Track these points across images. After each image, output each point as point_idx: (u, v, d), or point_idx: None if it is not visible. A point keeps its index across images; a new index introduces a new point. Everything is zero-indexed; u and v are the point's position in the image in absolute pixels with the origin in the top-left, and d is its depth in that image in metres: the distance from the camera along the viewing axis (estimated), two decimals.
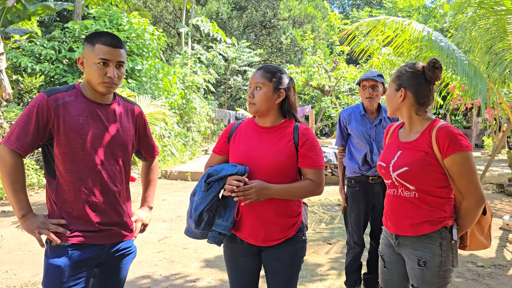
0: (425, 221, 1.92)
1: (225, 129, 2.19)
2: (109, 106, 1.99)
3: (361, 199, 3.32)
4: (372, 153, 3.24)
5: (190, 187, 9.21)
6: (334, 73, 18.96)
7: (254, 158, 2.00)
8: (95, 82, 1.87)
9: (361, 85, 3.23)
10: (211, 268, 4.19)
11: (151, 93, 10.71)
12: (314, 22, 28.50)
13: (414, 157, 1.92)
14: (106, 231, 1.94)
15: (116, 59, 1.88)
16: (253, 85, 2.03)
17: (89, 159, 1.87)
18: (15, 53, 10.24)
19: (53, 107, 1.81)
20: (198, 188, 2.00)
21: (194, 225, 1.98)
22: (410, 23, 6.41)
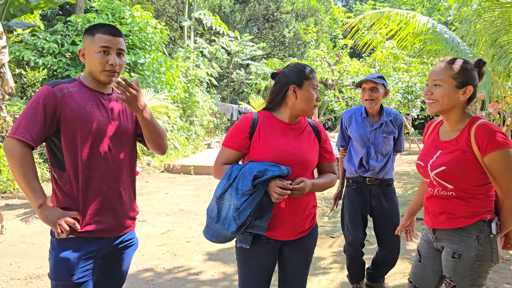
0: (461, 216, 1.93)
1: (242, 124, 2.04)
2: (110, 95, 2.02)
3: (357, 198, 3.26)
4: (369, 157, 3.20)
5: (193, 181, 9.22)
6: (337, 67, 18.88)
7: (288, 155, 1.99)
8: (97, 71, 1.89)
9: (361, 87, 3.16)
10: (214, 261, 4.19)
11: (153, 87, 10.69)
12: (317, 15, 28.34)
13: (452, 156, 1.91)
14: (113, 222, 1.95)
15: (116, 46, 1.91)
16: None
17: (98, 147, 1.89)
18: (18, 46, 10.22)
19: (59, 96, 1.83)
20: (233, 191, 1.88)
21: (235, 229, 1.84)
22: (415, 15, 6.36)
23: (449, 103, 1.92)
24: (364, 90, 3.14)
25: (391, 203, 3.25)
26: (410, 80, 15.95)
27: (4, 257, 4.28)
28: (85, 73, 1.99)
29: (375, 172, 3.19)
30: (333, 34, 24.04)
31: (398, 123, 3.28)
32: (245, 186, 1.85)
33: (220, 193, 1.93)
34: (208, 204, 2.06)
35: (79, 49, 2.00)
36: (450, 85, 1.89)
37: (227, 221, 1.88)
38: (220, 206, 1.93)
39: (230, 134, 2.07)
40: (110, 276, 2.07)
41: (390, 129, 3.23)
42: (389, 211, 3.23)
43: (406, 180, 9.10)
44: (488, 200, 1.93)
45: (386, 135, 3.21)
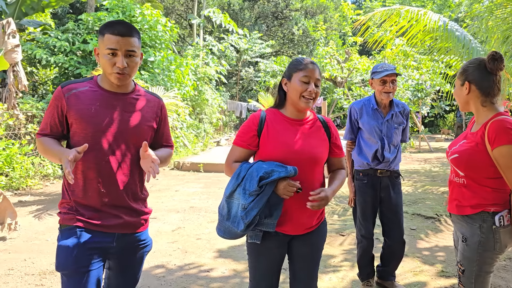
0: (467, 205, 2.10)
1: (250, 122, 2.07)
2: (127, 95, 1.97)
3: (368, 192, 3.27)
4: (383, 149, 3.17)
5: (203, 178, 9.26)
6: (347, 64, 18.80)
7: (297, 152, 2.01)
8: (107, 73, 1.87)
9: (381, 79, 3.09)
10: (225, 259, 4.22)
11: (163, 85, 10.74)
12: (326, 12, 28.24)
13: (467, 146, 2.08)
14: (115, 220, 1.91)
15: (124, 48, 1.84)
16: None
17: (99, 149, 1.86)
18: (30, 45, 10.34)
19: (65, 97, 1.86)
20: (241, 191, 1.92)
21: (244, 228, 1.88)
22: (426, 13, 6.32)
23: (460, 99, 2.17)
24: (384, 82, 3.09)
25: (398, 195, 3.29)
26: (420, 78, 15.83)
27: (18, 253, 4.35)
28: (102, 73, 1.97)
29: (387, 164, 3.20)
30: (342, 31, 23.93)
31: (406, 114, 3.29)
32: (252, 187, 1.88)
33: (230, 192, 1.98)
34: (220, 202, 2.08)
35: (94, 47, 1.99)
36: (457, 84, 2.16)
37: (236, 219, 1.92)
38: (230, 204, 1.98)
39: (239, 133, 2.11)
40: (122, 277, 2.04)
41: (400, 120, 3.25)
42: (396, 203, 3.27)
43: (416, 178, 9.05)
44: (495, 194, 2.04)
45: (397, 126, 3.22)
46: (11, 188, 7.60)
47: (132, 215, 1.98)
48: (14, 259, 4.15)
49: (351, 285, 3.59)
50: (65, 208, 1.91)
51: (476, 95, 2.09)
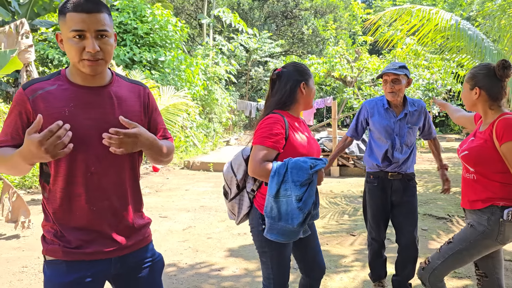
0: (478, 200, 2.25)
1: (278, 125, 2.12)
2: (105, 88, 1.62)
3: (379, 195, 3.16)
4: (394, 149, 3.07)
5: (213, 178, 9.29)
6: (357, 64, 18.72)
7: (313, 148, 2.28)
8: (76, 62, 1.50)
9: (383, 79, 3.04)
10: (235, 258, 4.24)
11: (174, 84, 10.80)
12: (336, 12, 28.14)
13: (476, 143, 2.25)
14: (110, 243, 1.61)
15: (92, 27, 1.47)
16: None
17: (82, 159, 1.53)
18: (43, 45, 10.45)
19: (30, 101, 1.50)
20: (290, 185, 1.98)
21: (302, 219, 1.97)
22: (438, 11, 6.27)
23: (468, 102, 2.35)
24: (385, 82, 3.01)
25: (411, 199, 3.15)
26: (431, 77, 15.72)
27: (31, 250, 4.41)
28: (70, 64, 1.59)
29: (398, 165, 3.09)
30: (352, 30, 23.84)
31: (423, 112, 3.15)
32: (303, 177, 1.99)
33: (275, 192, 2.00)
34: (265, 207, 2.06)
35: (56, 33, 1.55)
36: (466, 88, 2.33)
37: (289, 216, 1.99)
38: (279, 203, 2.01)
39: (267, 135, 2.10)
40: None
41: (414, 119, 3.12)
42: (408, 207, 3.14)
43: (427, 179, 8.99)
44: (504, 188, 2.18)
45: (411, 126, 3.10)
46: (24, 186, 7.70)
47: (130, 232, 1.68)
48: (28, 257, 4.21)
49: (362, 285, 3.59)
50: (49, 233, 1.58)
51: (485, 99, 2.26)
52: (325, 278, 3.66)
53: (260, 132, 2.13)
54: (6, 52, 5.03)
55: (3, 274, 3.80)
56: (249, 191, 2.29)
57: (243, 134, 21.17)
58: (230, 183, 2.34)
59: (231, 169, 2.34)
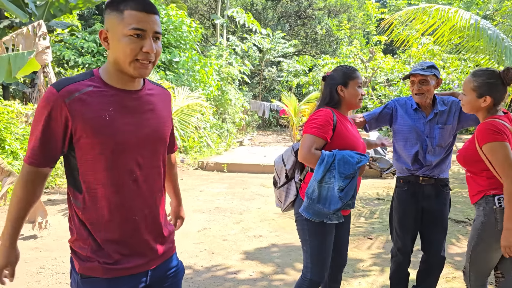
0: (474, 194, 2.41)
1: (328, 117, 2.36)
2: (140, 92, 1.56)
3: (409, 201, 2.96)
4: (425, 151, 2.88)
5: (227, 179, 9.27)
6: (371, 64, 18.55)
7: (359, 143, 2.46)
8: (126, 61, 1.43)
9: (410, 80, 2.89)
10: (251, 261, 4.20)
11: (188, 85, 10.82)
12: (350, 11, 27.95)
13: (465, 146, 2.41)
14: (150, 254, 1.59)
15: (153, 28, 1.45)
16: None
17: (124, 165, 1.49)
18: (59, 46, 10.56)
19: (66, 104, 1.39)
20: (335, 175, 2.23)
21: (339, 207, 2.24)
22: (457, 11, 6.16)
23: (472, 108, 2.41)
24: (412, 83, 2.86)
25: (443, 206, 2.95)
26: (448, 77, 15.50)
27: (49, 251, 4.43)
28: (106, 64, 1.52)
29: (430, 168, 2.90)
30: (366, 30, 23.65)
31: (457, 109, 2.91)
32: (349, 170, 2.24)
33: (321, 178, 2.25)
34: (307, 188, 2.32)
35: (100, 30, 1.49)
36: (471, 95, 2.36)
37: (327, 201, 2.25)
38: (321, 188, 2.26)
39: (317, 125, 2.35)
40: None
41: (445, 119, 2.90)
42: (439, 215, 2.94)
43: None
44: (491, 180, 2.31)
45: (442, 126, 2.89)
46: None
47: (163, 240, 1.65)
48: (45, 258, 4.23)
49: None
50: (83, 250, 1.49)
51: (490, 106, 2.36)
52: (343, 283, 3.60)
53: (309, 123, 2.40)
54: (24, 53, 5.08)
55: (20, 274, 3.82)
56: (296, 181, 2.55)
57: (256, 135, 21.14)
58: (280, 173, 2.63)
59: (281, 160, 2.63)
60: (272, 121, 25.33)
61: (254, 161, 10.36)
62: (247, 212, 6.23)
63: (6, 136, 7.07)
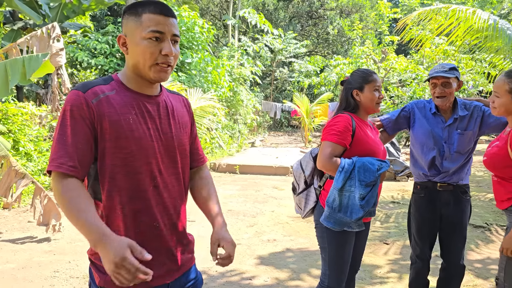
0: (503, 200, 2.32)
1: (346, 123, 2.32)
2: (159, 97, 1.55)
3: (426, 207, 2.87)
4: (443, 157, 2.77)
5: (239, 180, 9.23)
6: (383, 64, 18.38)
7: (379, 149, 2.41)
8: (146, 65, 1.42)
9: (430, 82, 2.77)
10: (266, 266, 4.14)
11: (200, 86, 10.81)
12: (362, 11, 27.73)
13: (495, 149, 2.31)
14: (170, 264, 1.53)
15: (171, 31, 1.44)
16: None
17: (147, 171, 1.45)
18: (72, 48, 10.61)
19: (94, 104, 1.37)
20: (355, 183, 2.19)
21: (361, 215, 2.19)
22: (474, 11, 6.04)
23: (506, 111, 2.30)
24: (434, 85, 2.74)
25: (463, 213, 2.84)
26: (462, 78, 15.28)
27: (62, 254, 4.41)
28: (125, 69, 1.51)
29: (448, 175, 2.79)
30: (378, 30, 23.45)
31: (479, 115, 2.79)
32: (370, 178, 2.20)
33: (341, 186, 2.21)
34: (327, 197, 2.28)
35: (119, 35, 1.47)
36: (506, 97, 2.24)
37: (348, 209, 2.21)
38: (341, 197, 2.23)
39: (336, 132, 2.31)
40: None
41: (465, 124, 2.78)
42: (458, 222, 2.84)
43: None
44: None
45: (462, 132, 2.77)
46: None
47: (184, 250, 1.60)
48: (59, 261, 4.21)
49: None
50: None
51: None
52: None
53: (327, 129, 2.36)
54: (39, 56, 5.08)
55: (35, 278, 3.81)
56: (316, 187, 2.51)
57: (267, 135, 21.09)
58: (299, 179, 2.59)
59: (300, 166, 2.58)
60: (283, 122, 25.25)
61: (266, 163, 10.31)
62: (260, 215, 6.17)
63: (20, 138, 7.10)
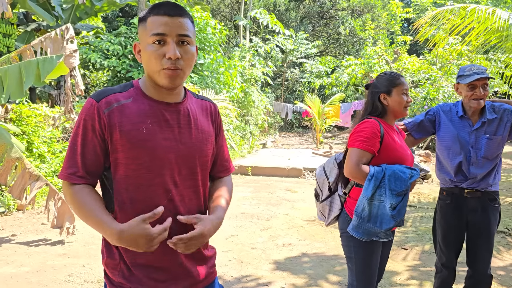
0: None
1: (374, 129, 2.24)
2: (181, 105, 1.46)
3: (453, 214, 2.78)
4: (469, 163, 2.68)
5: (251, 182, 9.16)
6: (396, 65, 18.19)
7: (408, 155, 2.34)
8: (155, 71, 1.35)
9: (469, 84, 2.62)
10: (283, 271, 4.06)
11: (212, 87, 10.76)
12: (374, 11, 27.50)
13: None
14: (188, 278, 1.47)
15: (175, 31, 1.32)
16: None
17: (160, 183, 1.38)
18: (85, 49, 10.64)
19: (105, 114, 1.34)
20: (386, 192, 2.11)
21: (392, 225, 2.12)
22: (494, 11, 5.91)
23: None
24: (473, 87, 2.62)
25: (491, 220, 2.73)
26: None
27: (76, 257, 4.38)
28: (144, 76, 1.46)
29: (475, 181, 2.69)
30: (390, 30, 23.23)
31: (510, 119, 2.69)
32: (401, 187, 2.12)
33: (371, 195, 2.14)
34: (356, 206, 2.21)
35: (134, 43, 1.44)
36: None
37: (378, 219, 2.14)
38: (371, 206, 2.15)
39: (363, 138, 2.24)
40: None
41: (494, 128, 2.68)
42: (486, 229, 2.72)
43: None
44: None
45: (490, 136, 2.67)
46: None
47: (202, 263, 1.53)
48: (73, 265, 4.17)
49: None
50: (114, 274, 1.41)
51: None
52: None
53: (354, 135, 2.28)
54: (53, 57, 5.06)
55: (49, 282, 3.77)
56: (340, 194, 2.43)
57: (278, 136, 20.99)
58: (322, 186, 2.50)
59: (323, 172, 2.50)
60: (294, 123, 25.13)
61: (279, 164, 10.21)
62: (274, 218, 6.09)
63: (34, 139, 7.11)
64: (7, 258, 4.35)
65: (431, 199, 7.31)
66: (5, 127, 5.47)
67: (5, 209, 6.09)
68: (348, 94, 22.56)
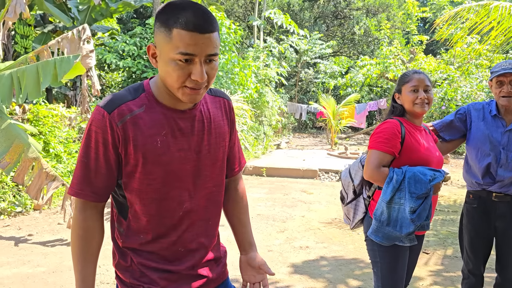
0: None
1: (394, 130, 2.18)
2: (195, 110, 1.37)
3: (480, 219, 2.65)
4: (498, 164, 2.55)
5: (266, 183, 9.08)
6: (412, 64, 17.96)
7: (434, 156, 2.23)
8: (174, 87, 1.24)
9: (496, 80, 2.52)
10: (301, 275, 3.97)
11: (227, 88, 10.72)
12: (389, 10, 27.21)
13: None
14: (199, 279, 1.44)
15: (205, 51, 1.19)
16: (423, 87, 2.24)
17: (174, 196, 1.34)
18: (101, 50, 10.70)
19: (119, 128, 1.25)
20: (406, 195, 2.04)
21: (412, 230, 2.04)
22: None
23: None
24: (501, 84, 2.51)
25: None
26: None
27: None
28: (157, 79, 1.33)
29: (504, 185, 2.55)
30: (406, 30, 22.95)
31: None
32: (421, 190, 2.03)
33: (390, 198, 2.07)
34: (375, 209, 2.16)
35: (148, 45, 1.28)
36: None
37: (398, 223, 2.08)
38: (390, 210, 2.09)
39: (382, 139, 2.17)
40: None
41: None
42: None
43: None
44: None
45: None
46: None
47: (214, 266, 1.50)
48: None
49: None
50: (126, 275, 1.38)
51: None
52: None
53: (375, 137, 2.22)
54: (70, 57, 5.06)
55: (65, 283, 3.75)
56: (365, 197, 2.36)
57: (292, 137, 20.88)
58: (347, 188, 2.44)
59: (349, 175, 2.43)
60: (308, 124, 24.99)
61: (293, 165, 10.12)
62: (290, 220, 6.01)
63: (50, 140, 7.14)
64: (23, 258, 4.34)
65: (451, 202, 7.15)
66: (22, 127, 5.48)
67: (22, 208, 6.12)
68: (363, 95, 22.35)
